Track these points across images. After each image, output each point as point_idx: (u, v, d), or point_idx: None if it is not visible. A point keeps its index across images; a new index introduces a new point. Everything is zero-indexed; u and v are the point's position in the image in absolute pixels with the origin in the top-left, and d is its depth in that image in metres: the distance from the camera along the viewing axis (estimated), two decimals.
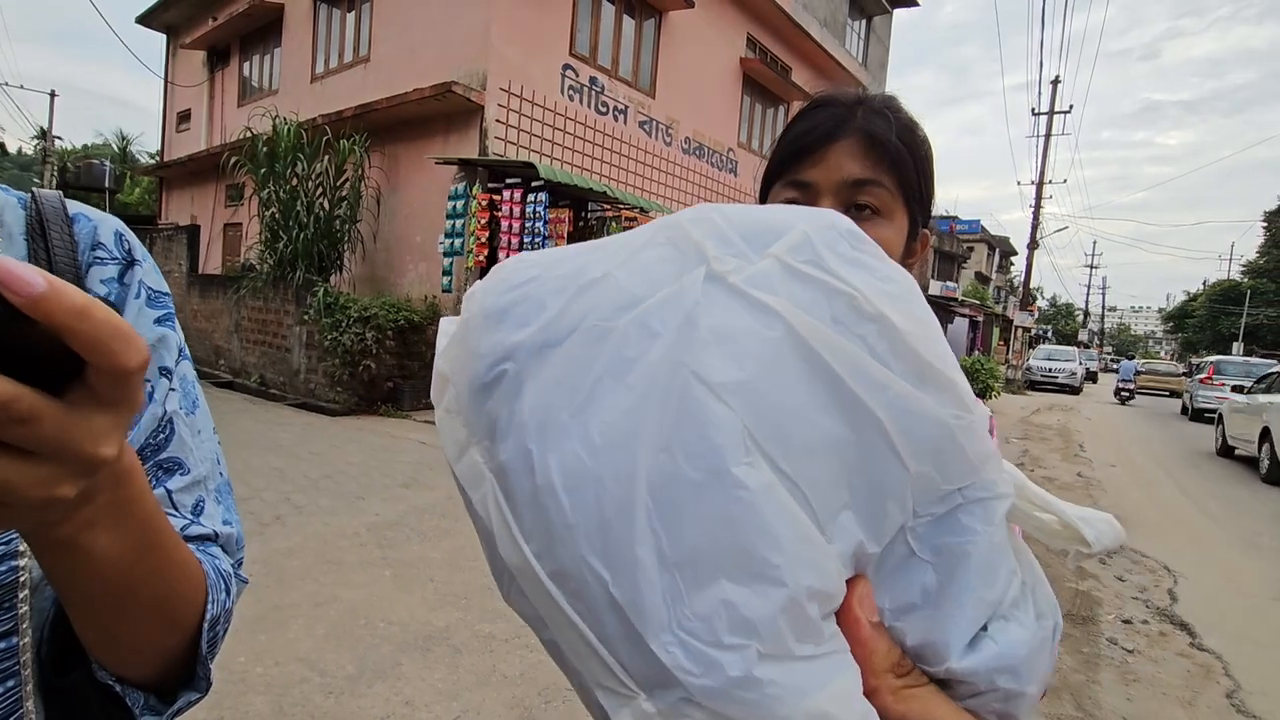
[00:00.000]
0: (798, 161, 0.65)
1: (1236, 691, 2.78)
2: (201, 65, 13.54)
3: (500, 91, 7.85)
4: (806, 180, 0.65)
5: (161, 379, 0.54)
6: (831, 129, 0.64)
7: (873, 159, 0.63)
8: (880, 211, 0.64)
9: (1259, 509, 6.36)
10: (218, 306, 9.71)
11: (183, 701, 0.47)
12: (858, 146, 0.64)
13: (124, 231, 0.54)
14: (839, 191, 0.64)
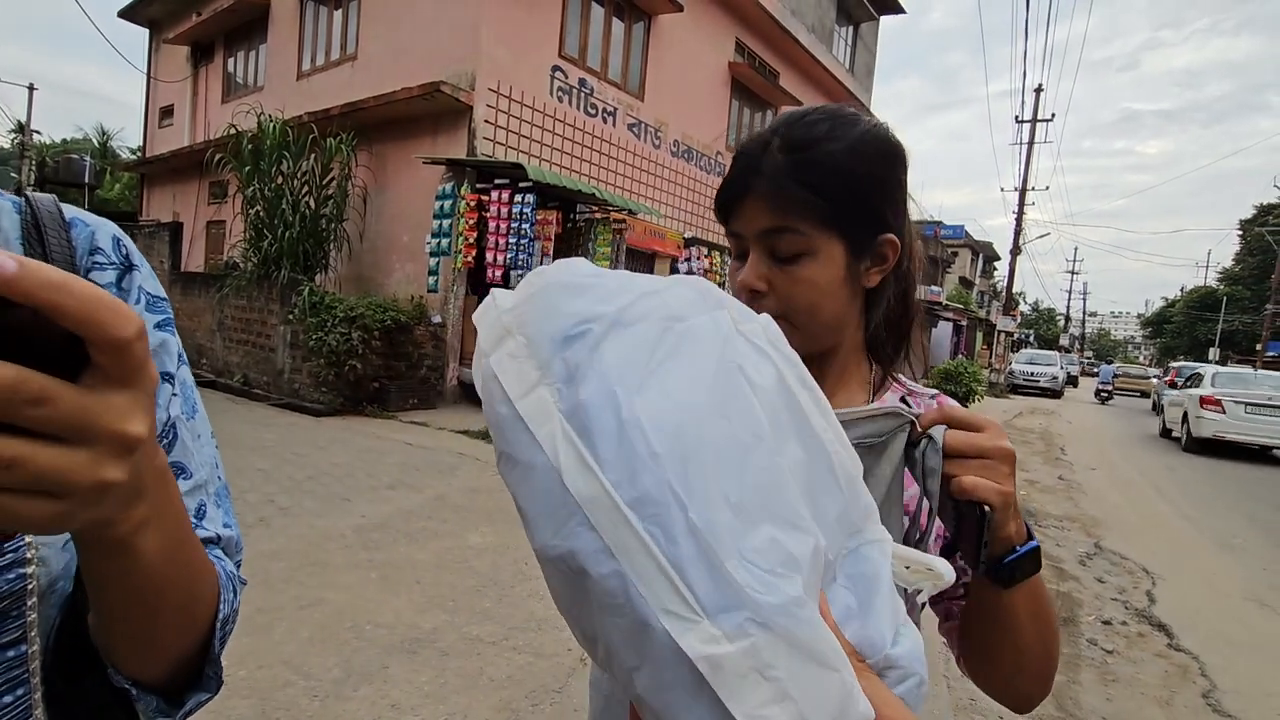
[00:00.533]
0: (726, 216, 0.72)
1: (1213, 691, 2.84)
2: (185, 61, 13.37)
3: (489, 92, 7.83)
4: (735, 231, 0.71)
5: (164, 384, 0.54)
6: (743, 184, 0.68)
7: (779, 208, 0.66)
8: (802, 252, 0.67)
9: (1233, 511, 6.48)
10: (200, 305, 9.59)
11: (193, 703, 0.48)
12: (763, 200, 0.67)
13: (121, 236, 0.54)
14: (759, 240, 0.69)
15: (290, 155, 8.10)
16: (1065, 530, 5.24)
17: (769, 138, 0.68)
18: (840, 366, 0.76)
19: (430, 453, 5.56)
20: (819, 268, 0.68)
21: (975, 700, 2.57)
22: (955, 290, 32.15)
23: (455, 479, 4.86)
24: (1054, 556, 4.53)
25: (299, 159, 8.16)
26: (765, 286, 0.69)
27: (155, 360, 0.53)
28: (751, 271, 0.69)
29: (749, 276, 0.69)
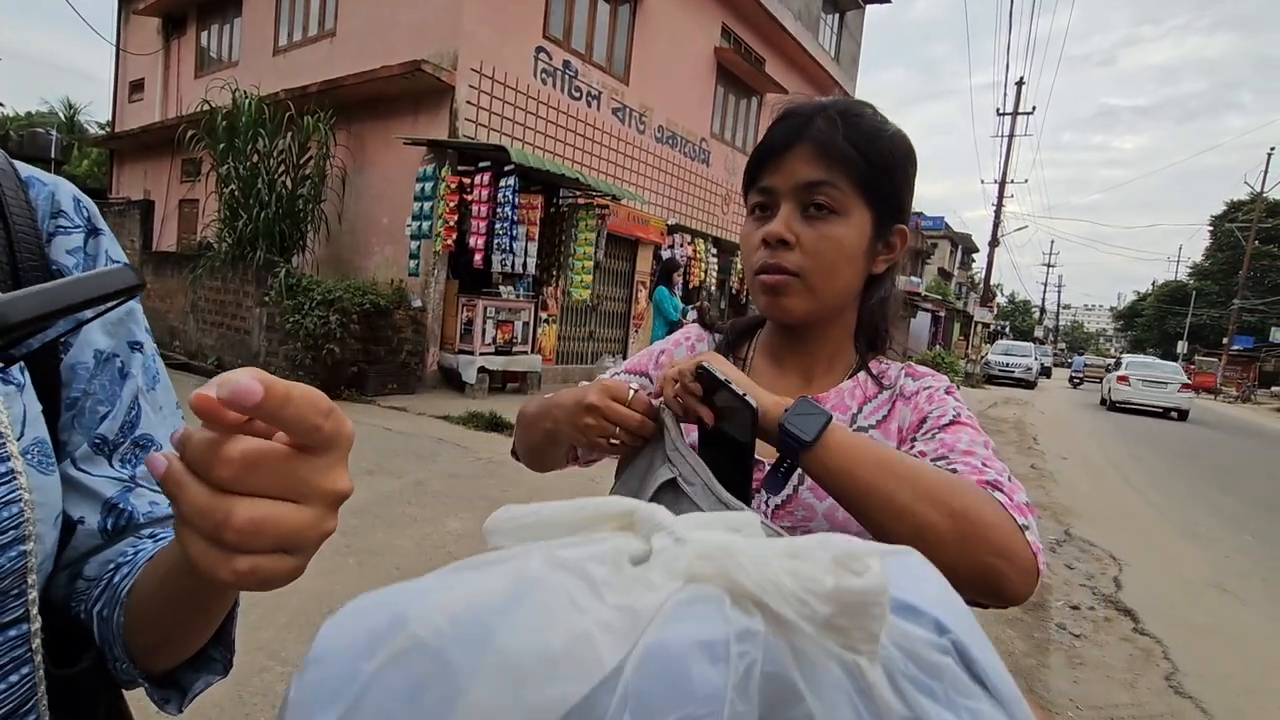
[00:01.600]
0: (760, 171, 0.73)
1: (1175, 674, 2.93)
2: (156, 33, 12.96)
3: (471, 72, 7.70)
4: (768, 186, 0.72)
5: (134, 354, 0.52)
6: (787, 138, 0.70)
7: (824, 162, 0.69)
8: (835, 209, 0.69)
9: (1198, 501, 6.67)
10: (173, 286, 9.37)
11: (202, 685, 0.49)
12: (809, 152, 0.69)
13: (80, 197, 0.51)
14: (795, 194, 0.70)
15: (266, 133, 7.91)
16: (1037, 518, 5.35)
17: (815, 107, 0.71)
18: (832, 350, 0.79)
19: (409, 438, 5.52)
20: (848, 229, 0.70)
21: None
22: (934, 281, 32.52)
23: (435, 464, 4.83)
24: None
25: (275, 137, 7.96)
26: (793, 239, 0.70)
27: (124, 329, 0.51)
28: (782, 223, 0.70)
29: (778, 227, 0.70)
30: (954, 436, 0.66)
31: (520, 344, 8.08)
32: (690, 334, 0.89)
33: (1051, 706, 2.55)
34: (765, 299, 0.73)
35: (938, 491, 0.55)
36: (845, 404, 0.75)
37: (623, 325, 11.03)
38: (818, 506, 0.69)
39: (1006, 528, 0.55)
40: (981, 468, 0.62)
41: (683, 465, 0.65)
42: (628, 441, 0.70)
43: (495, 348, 7.78)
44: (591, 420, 0.69)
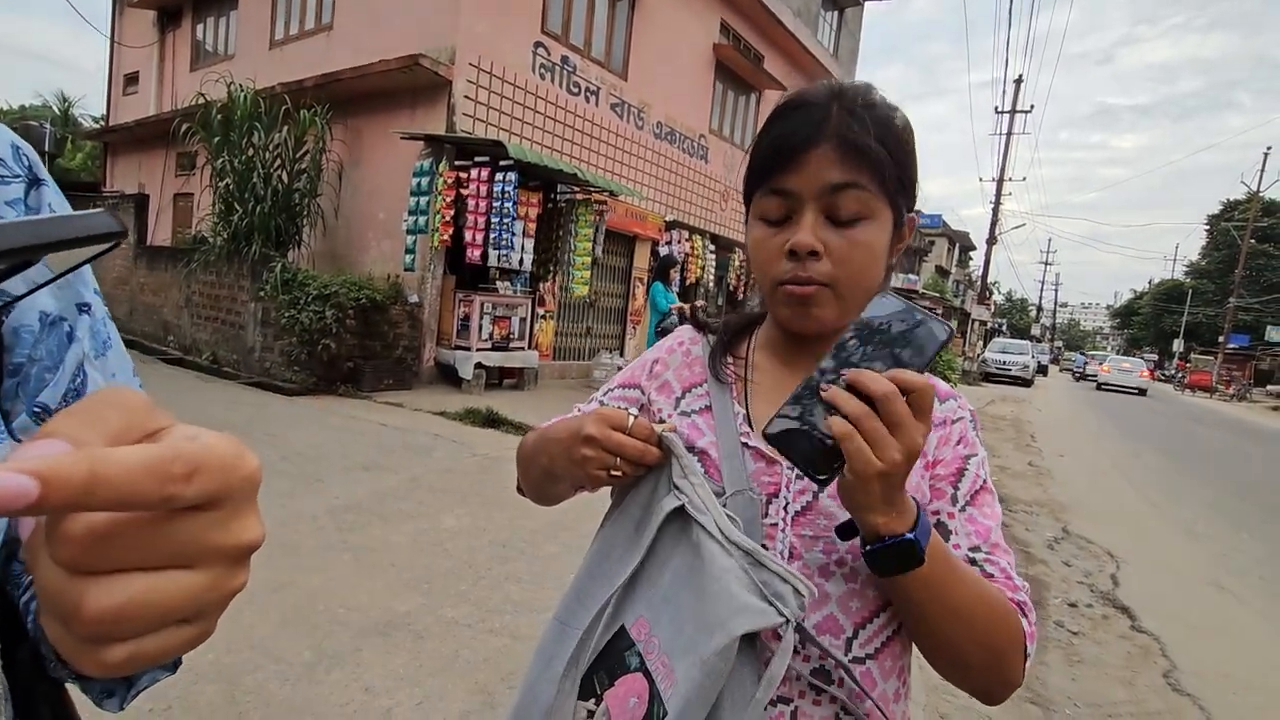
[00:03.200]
0: (776, 171, 0.66)
1: (1173, 671, 2.92)
2: (151, 25, 12.86)
3: (469, 67, 7.65)
4: (787, 189, 0.66)
5: (82, 316, 0.48)
6: (809, 134, 0.64)
7: (850, 163, 0.64)
8: (862, 214, 0.65)
9: (1196, 499, 6.68)
10: (167, 280, 9.31)
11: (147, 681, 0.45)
12: (835, 152, 0.64)
13: (20, 144, 0.47)
14: (819, 197, 0.64)
15: (262, 127, 7.85)
16: (1034, 515, 5.35)
17: (829, 96, 0.66)
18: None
19: (405, 434, 5.49)
20: (876, 231, 0.66)
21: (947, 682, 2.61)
22: (932, 279, 32.53)
23: (431, 460, 4.80)
24: (1023, 540, 4.63)
25: (271, 131, 7.91)
26: (823, 249, 0.65)
27: (70, 290, 0.47)
28: (810, 232, 0.64)
29: (807, 237, 0.64)
30: (983, 515, 0.67)
31: (517, 340, 8.05)
32: (683, 338, 0.83)
33: (1050, 704, 2.54)
34: (791, 311, 0.68)
35: (989, 633, 0.60)
36: None
37: (620, 321, 11.00)
38: (839, 516, 0.65)
39: (1017, 666, 0.61)
40: (1011, 577, 0.64)
41: (692, 494, 0.63)
42: (629, 472, 0.67)
43: (492, 344, 7.74)
44: (590, 452, 0.65)
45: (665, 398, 0.77)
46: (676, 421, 0.73)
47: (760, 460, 0.69)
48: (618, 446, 0.65)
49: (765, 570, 0.57)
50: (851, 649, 0.63)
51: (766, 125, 0.69)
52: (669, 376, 0.78)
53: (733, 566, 0.57)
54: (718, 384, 0.75)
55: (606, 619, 0.65)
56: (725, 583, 0.56)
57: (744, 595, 0.55)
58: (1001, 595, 0.62)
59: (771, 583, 0.56)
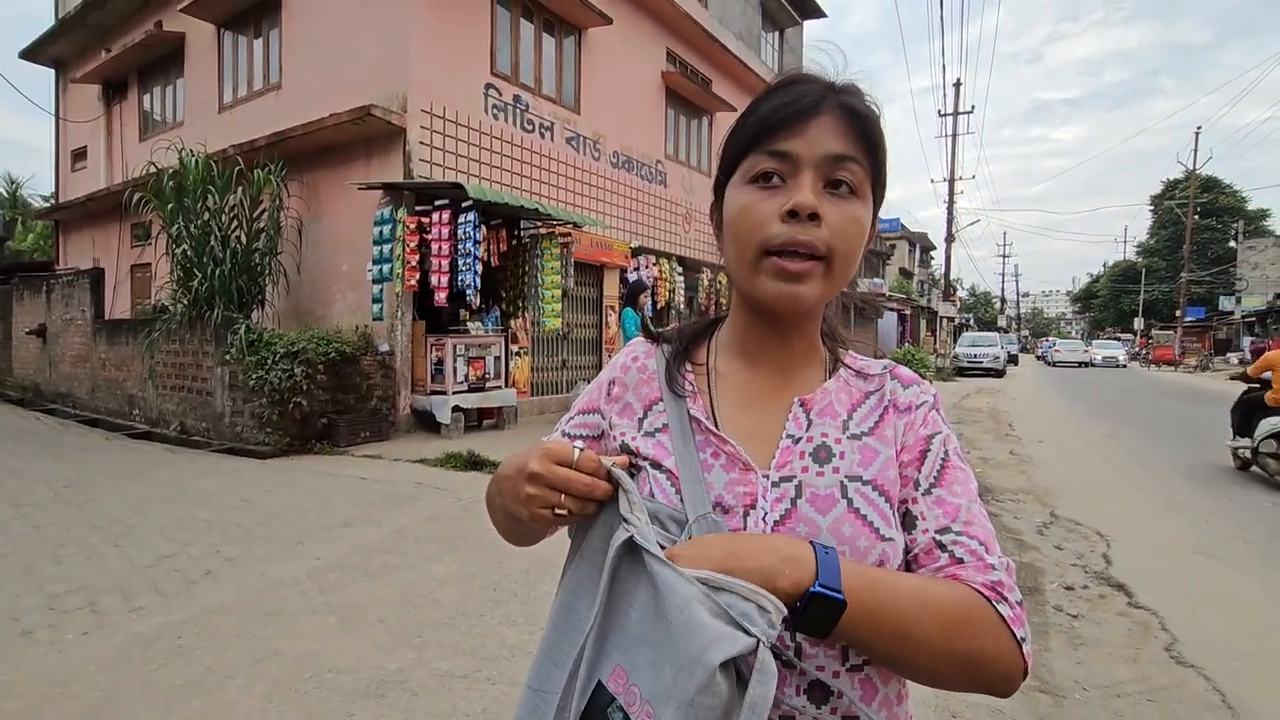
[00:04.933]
0: (777, 132, 0.64)
1: (1174, 644, 2.93)
2: (96, 99, 12.77)
3: (422, 113, 7.70)
4: (787, 150, 0.63)
5: None
6: (814, 102, 0.64)
7: (852, 136, 0.64)
8: (855, 190, 0.64)
9: (1172, 472, 6.80)
10: (128, 353, 9.09)
11: None
12: (839, 122, 0.64)
13: None
14: (820, 165, 0.63)
15: (216, 190, 7.77)
16: (1021, 503, 5.39)
17: (825, 80, 0.66)
18: (808, 343, 0.74)
19: (386, 485, 5.37)
20: (864, 212, 0.66)
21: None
22: (897, 281, 33.17)
23: (414, 509, 4.70)
24: (1013, 529, 4.65)
25: (225, 193, 7.83)
26: (823, 214, 0.63)
27: None
28: (813, 193, 0.62)
29: (810, 197, 0.62)
30: (952, 493, 0.65)
31: (493, 379, 7.99)
32: (636, 352, 0.78)
33: (1059, 691, 2.53)
34: (779, 286, 0.64)
35: (949, 641, 0.56)
36: (834, 408, 0.69)
37: (595, 351, 10.99)
38: (821, 522, 0.63)
39: (1007, 656, 0.58)
40: (983, 557, 0.62)
41: (640, 524, 0.60)
42: (575, 510, 0.62)
43: (468, 385, 7.67)
44: (534, 490, 0.61)
45: (628, 420, 0.73)
46: (642, 443, 0.70)
47: (734, 469, 0.66)
48: (563, 482, 0.61)
49: (726, 592, 0.54)
50: (849, 656, 0.60)
51: (763, 96, 0.67)
52: (629, 397, 0.75)
53: (695, 593, 0.53)
54: (674, 398, 0.71)
55: (582, 678, 0.60)
56: (691, 612, 0.52)
57: (713, 623, 0.52)
58: (959, 592, 0.59)
59: (734, 604, 0.53)
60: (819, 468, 0.65)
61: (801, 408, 0.69)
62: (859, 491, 0.64)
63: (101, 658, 2.62)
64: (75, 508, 4.77)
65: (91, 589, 3.31)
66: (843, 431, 0.68)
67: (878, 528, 0.63)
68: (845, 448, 0.67)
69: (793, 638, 0.59)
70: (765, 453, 0.67)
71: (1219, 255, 41.09)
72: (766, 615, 0.53)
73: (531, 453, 0.63)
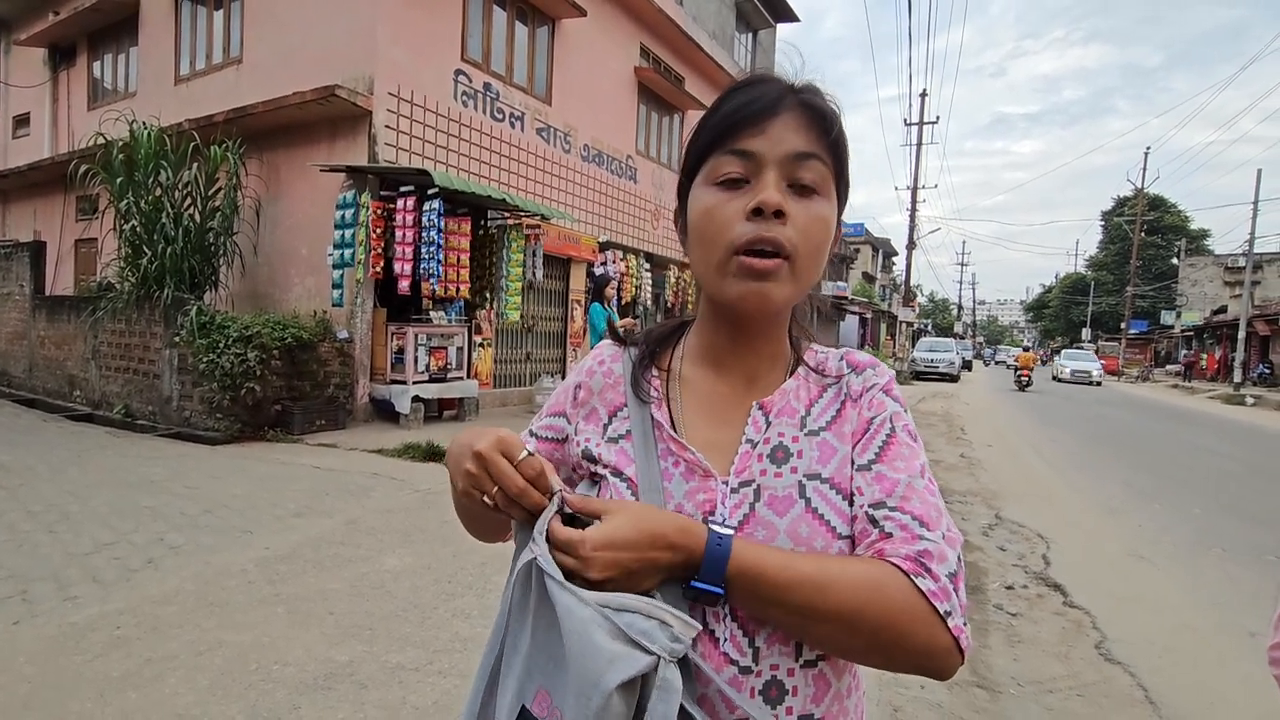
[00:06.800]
0: (739, 132, 0.63)
1: (1104, 642, 3.08)
2: (42, 64, 12.15)
3: (389, 96, 7.54)
4: (750, 149, 0.63)
5: None
6: (775, 100, 0.63)
7: (815, 133, 0.63)
8: (819, 190, 0.64)
9: (1110, 479, 7.11)
10: (70, 331, 8.70)
11: None
12: (800, 120, 0.63)
13: None
14: (782, 164, 0.62)
15: (169, 165, 7.49)
16: (969, 504, 5.57)
17: (785, 81, 0.66)
18: (775, 346, 0.73)
19: (340, 475, 5.27)
20: (829, 211, 0.65)
21: (897, 675, 2.67)
22: (859, 285, 33.81)
23: (369, 501, 4.62)
24: (960, 529, 4.80)
25: (179, 169, 7.55)
26: (788, 211, 0.62)
27: None
28: (778, 191, 0.62)
29: (774, 194, 0.61)
30: (893, 468, 0.63)
31: (455, 370, 7.89)
32: (603, 356, 0.77)
33: (994, 686, 2.63)
34: (746, 285, 0.63)
35: (855, 623, 0.56)
36: (792, 406, 0.69)
37: (560, 345, 10.95)
38: (779, 524, 0.62)
39: (925, 631, 0.55)
40: (914, 530, 0.59)
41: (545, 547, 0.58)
42: (502, 506, 0.61)
43: (429, 375, 7.56)
44: (473, 469, 0.61)
45: (593, 425, 0.72)
46: (605, 450, 0.70)
47: (694, 477, 0.66)
48: (498, 475, 0.60)
49: (627, 612, 0.53)
50: (802, 653, 0.61)
51: (724, 97, 0.66)
52: (595, 403, 0.74)
53: (592, 615, 0.53)
54: (639, 405, 0.70)
55: (509, 701, 0.59)
56: (588, 635, 0.52)
57: (610, 644, 0.51)
58: (868, 570, 0.57)
59: (635, 623, 0.52)
60: (776, 469, 0.65)
61: (760, 410, 0.69)
62: (817, 490, 0.64)
63: (32, 649, 2.52)
64: (7, 492, 4.56)
65: (22, 577, 3.17)
66: (800, 429, 0.67)
67: (835, 526, 0.62)
68: (803, 445, 0.66)
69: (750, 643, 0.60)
70: (726, 459, 0.66)
71: (1162, 271, 42.99)
72: (669, 630, 0.53)
73: (487, 433, 0.63)
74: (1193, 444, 10.11)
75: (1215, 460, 8.56)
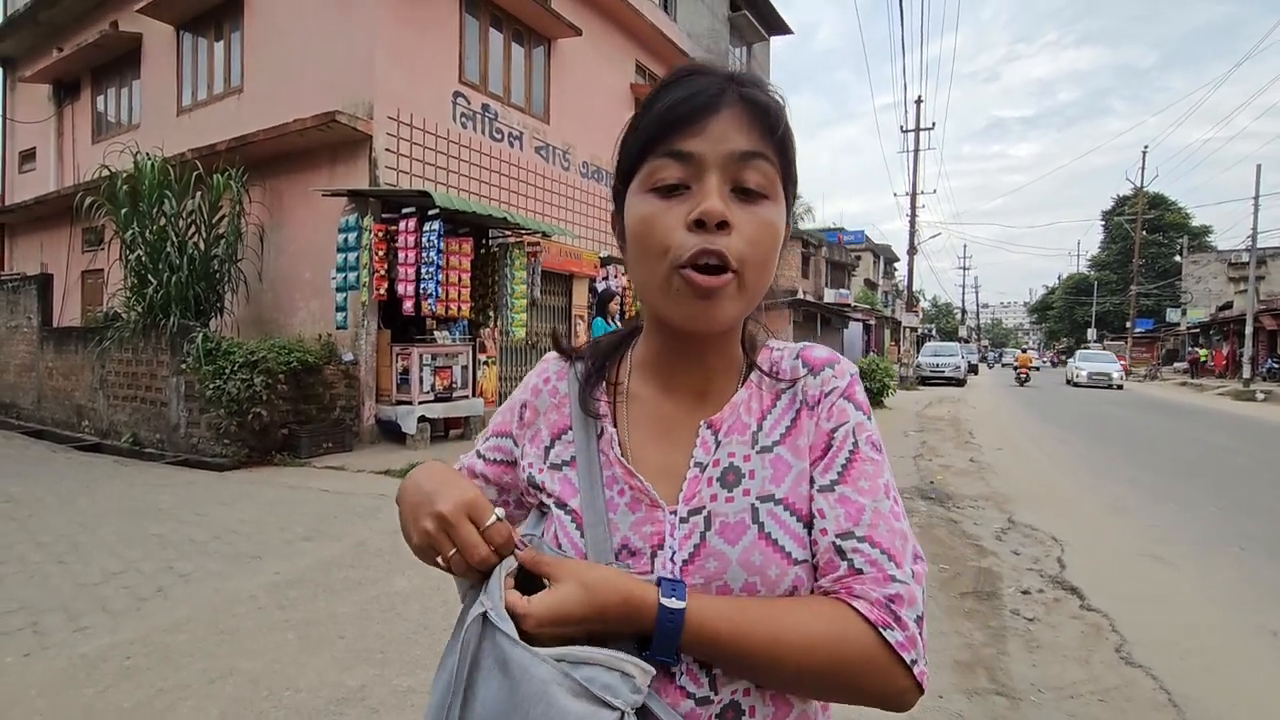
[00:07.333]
0: (676, 131, 0.57)
1: (1124, 645, 3.03)
2: (47, 100, 12.34)
3: (389, 120, 7.62)
4: (689, 151, 0.57)
5: None
6: (715, 96, 0.57)
7: (759, 130, 0.58)
8: (766, 193, 0.58)
9: (1117, 479, 7.05)
10: (77, 362, 8.76)
11: None
12: (743, 116, 0.58)
13: None
14: (725, 166, 0.57)
15: (173, 194, 7.57)
16: (981, 509, 5.52)
17: (725, 71, 0.60)
18: (728, 358, 0.67)
19: (348, 498, 5.26)
20: (778, 215, 0.59)
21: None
22: (862, 292, 33.80)
23: (376, 522, 4.61)
24: (973, 535, 4.76)
25: (183, 198, 7.64)
26: (733, 220, 0.56)
27: None
28: (721, 199, 0.56)
29: (717, 203, 0.55)
30: (857, 491, 0.59)
31: (460, 389, 7.90)
32: (548, 371, 0.72)
33: (1014, 694, 2.59)
34: (692, 305, 0.57)
35: (816, 677, 0.54)
36: (743, 421, 0.63)
37: None
38: (731, 554, 0.58)
39: (887, 680, 0.54)
40: (884, 567, 0.56)
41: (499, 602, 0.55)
42: (457, 572, 0.57)
43: (435, 395, 7.57)
44: (431, 528, 0.56)
45: (536, 449, 0.68)
46: (548, 477, 0.66)
47: (641, 507, 0.61)
48: (461, 542, 0.56)
49: (587, 665, 0.51)
50: None
51: (658, 92, 0.60)
52: (540, 424, 0.69)
53: (551, 675, 0.50)
54: (584, 427, 0.65)
55: None
56: (549, 696, 0.49)
57: (573, 704, 0.49)
58: (831, 624, 0.54)
59: (597, 677, 0.50)
60: (728, 492, 0.60)
61: (709, 429, 0.63)
62: (770, 514, 0.59)
63: (43, 681, 2.51)
64: (17, 524, 4.56)
65: (33, 609, 3.17)
66: (752, 446, 0.62)
67: (790, 552, 0.58)
68: (755, 464, 0.61)
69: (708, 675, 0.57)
70: (675, 485, 0.62)
71: (1165, 269, 42.88)
72: (631, 681, 0.51)
73: (451, 484, 0.59)
74: (1204, 441, 10.02)
75: (1227, 457, 8.48)
